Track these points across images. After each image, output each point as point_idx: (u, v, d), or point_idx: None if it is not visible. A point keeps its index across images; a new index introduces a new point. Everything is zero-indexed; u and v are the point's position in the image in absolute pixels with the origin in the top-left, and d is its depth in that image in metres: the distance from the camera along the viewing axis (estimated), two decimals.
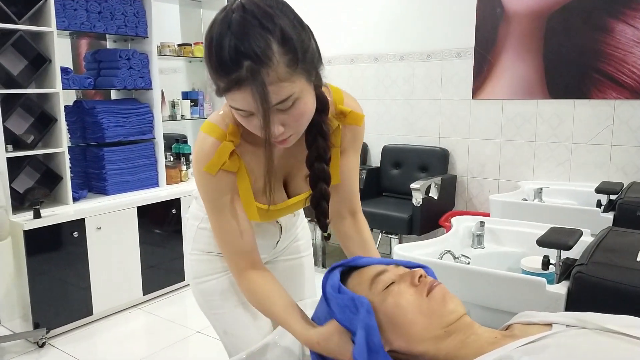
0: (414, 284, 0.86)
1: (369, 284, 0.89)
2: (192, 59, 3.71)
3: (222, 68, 0.82)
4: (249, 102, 0.83)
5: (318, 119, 0.98)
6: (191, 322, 2.82)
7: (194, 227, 1.28)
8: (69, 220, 2.66)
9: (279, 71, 0.81)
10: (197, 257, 1.27)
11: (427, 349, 0.82)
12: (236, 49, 0.79)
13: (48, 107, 2.73)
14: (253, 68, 0.79)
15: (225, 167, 1.00)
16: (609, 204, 2.33)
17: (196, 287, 1.28)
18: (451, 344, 0.81)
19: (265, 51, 0.79)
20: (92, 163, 3.07)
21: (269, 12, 0.81)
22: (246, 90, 0.81)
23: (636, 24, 2.74)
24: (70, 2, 2.75)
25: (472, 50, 3.29)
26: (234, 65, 0.80)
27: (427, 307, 0.83)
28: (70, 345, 2.62)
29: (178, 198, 3.19)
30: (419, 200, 3.06)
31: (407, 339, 0.83)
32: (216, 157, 0.98)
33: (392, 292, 0.86)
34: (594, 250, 1.43)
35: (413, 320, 0.83)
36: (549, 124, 3.10)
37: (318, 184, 1.05)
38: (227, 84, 0.82)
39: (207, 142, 1.00)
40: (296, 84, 0.85)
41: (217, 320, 1.28)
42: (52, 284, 2.62)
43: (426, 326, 0.82)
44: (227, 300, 1.25)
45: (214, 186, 1.02)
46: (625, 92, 2.82)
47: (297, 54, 0.83)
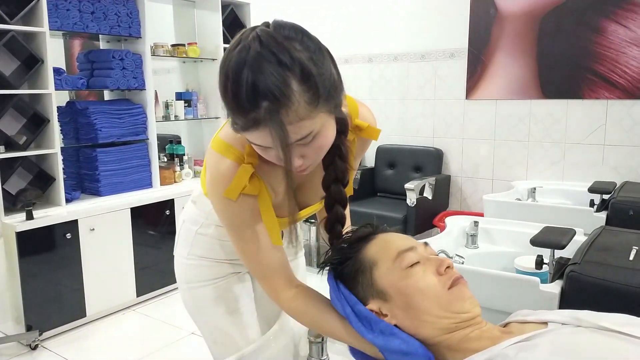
0: (439, 272, 0.86)
1: (395, 256, 0.88)
2: (185, 60, 3.70)
3: (239, 107, 0.77)
4: (267, 140, 0.79)
5: (337, 141, 0.93)
6: (185, 324, 2.81)
7: (191, 231, 1.22)
8: (61, 222, 2.64)
9: (299, 110, 0.77)
10: (194, 262, 1.22)
11: (432, 335, 0.83)
12: (254, 88, 0.75)
13: (40, 107, 2.71)
14: (271, 108, 0.75)
15: (246, 191, 0.93)
16: (602, 203, 2.34)
17: (188, 291, 1.24)
18: (456, 337, 0.82)
19: (284, 90, 0.75)
20: (85, 164, 3.05)
21: (285, 45, 0.76)
22: (264, 130, 0.77)
23: (628, 24, 2.75)
24: (63, 2, 2.74)
25: (466, 50, 3.30)
26: (251, 105, 0.76)
27: (445, 300, 0.83)
28: (63, 347, 2.60)
29: (172, 199, 3.18)
30: (413, 200, 3.06)
31: (415, 322, 0.84)
32: (236, 181, 0.92)
33: (416, 273, 0.86)
34: (587, 249, 1.43)
35: (428, 308, 0.83)
36: (542, 124, 3.11)
37: (334, 207, 1.01)
38: (245, 123, 0.78)
39: (223, 164, 0.93)
40: (317, 119, 0.80)
41: (206, 327, 1.25)
42: (45, 285, 2.61)
43: (439, 317, 0.83)
44: (219, 307, 1.21)
45: (235, 211, 0.96)
46: (617, 92, 2.83)
47: (318, 90, 0.78)
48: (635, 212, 2.07)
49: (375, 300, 0.88)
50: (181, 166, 3.53)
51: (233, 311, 1.21)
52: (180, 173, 3.49)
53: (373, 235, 0.96)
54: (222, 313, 1.21)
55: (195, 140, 3.95)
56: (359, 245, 0.94)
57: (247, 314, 1.23)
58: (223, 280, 1.21)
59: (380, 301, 0.88)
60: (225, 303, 1.21)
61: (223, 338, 1.23)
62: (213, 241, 1.18)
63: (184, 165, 3.55)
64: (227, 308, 1.21)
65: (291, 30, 0.79)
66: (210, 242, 1.20)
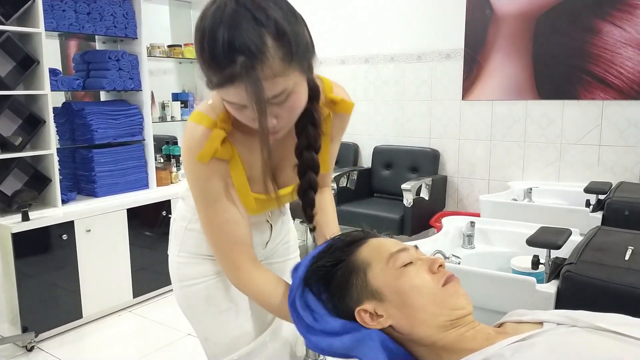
0: (432, 271, 0.87)
1: (388, 257, 0.89)
2: (182, 60, 3.69)
3: (215, 63, 0.80)
4: (242, 97, 0.81)
5: (309, 107, 0.96)
6: (182, 325, 2.80)
7: (181, 228, 1.24)
8: (57, 223, 2.63)
9: (273, 66, 0.79)
10: (184, 259, 1.22)
11: (427, 335, 0.83)
12: (230, 43, 0.77)
13: (36, 108, 2.70)
14: (247, 64, 0.77)
15: (218, 154, 0.95)
16: (598, 203, 2.35)
17: (181, 290, 1.24)
18: (451, 336, 0.83)
19: (260, 46, 0.78)
20: (81, 165, 3.04)
21: (261, 4, 0.79)
22: (240, 85, 0.80)
23: (623, 25, 2.77)
24: (59, 3, 2.73)
25: (462, 51, 3.31)
26: (227, 61, 0.78)
27: (440, 297, 0.84)
28: (59, 349, 2.59)
29: (168, 200, 3.17)
30: (410, 200, 3.06)
31: (411, 321, 0.84)
32: (208, 145, 0.94)
33: (410, 272, 0.87)
34: (583, 249, 1.44)
35: (424, 305, 0.83)
36: (538, 124, 3.12)
37: (307, 173, 1.03)
38: (220, 79, 0.81)
39: (197, 131, 0.96)
40: (290, 77, 0.83)
41: (199, 326, 1.25)
42: (41, 287, 2.60)
43: (434, 315, 0.83)
44: (212, 306, 1.21)
45: (207, 176, 0.98)
46: (613, 92, 2.84)
47: (291, 47, 0.81)
48: (631, 213, 2.08)
49: (370, 301, 0.88)
50: (177, 167, 3.53)
51: (225, 310, 1.21)
52: (177, 174, 3.49)
53: (364, 239, 0.97)
54: (215, 312, 1.21)
55: None
56: (351, 248, 0.94)
57: (241, 313, 1.23)
58: (214, 278, 1.21)
59: (375, 302, 0.88)
60: (217, 301, 1.21)
61: (216, 336, 1.22)
62: (201, 236, 1.18)
63: (180, 166, 3.55)
64: (220, 307, 1.21)
65: None
66: (198, 237, 1.20)
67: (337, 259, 0.94)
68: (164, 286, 3.20)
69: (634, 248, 1.42)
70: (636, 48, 2.74)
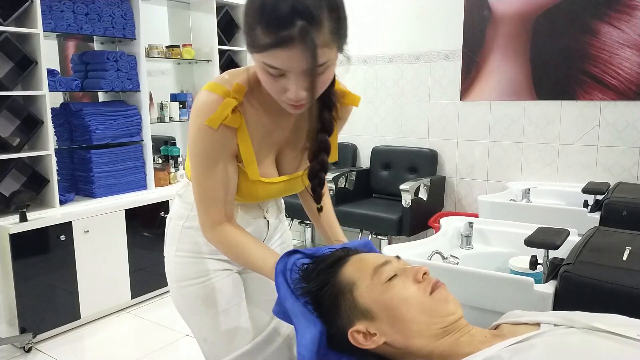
0: (417, 280, 0.86)
1: (372, 273, 0.88)
2: (180, 61, 3.69)
3: (273, 23, 0.81)
4: (291, 61, 0.84)
5: (327, 91, 0.99)
6: (180, 326, 2.80)
7: (178, 226, 1.23)
8: (56, 224, 2.63)
9: (325, 36, 0.83)
10: (181, 259, 1.22)
11: (423, 346, 0.83)
12: (293, 6, 0.80)
13: (34, 109, 2.70)
14: (306, 28, 0.80)
15: (227, 121, 0.99)
16: (596, 204, 2.35)
17: (178, 291, 1.24)
18: (446, 343, 0.82)
19: (319, 13, 0.81)
20: (79, 166, 3.04)
21: None
22: (294, 49, 0.82)
23: (621, 25, 2.77)
24: (57, 4, 2.73)
25: (460, 52, 3.31)
26: (287, 23, 0.80)
27: (429, 306, 0.83)
28: (57, 350, 2.59)
29: (166, 200, 3.17)
30: (408, 201, 3.07)
31: (405, 335, 0.84)
32: (219, 112, 0.98)
33: (396, 285, 0.86)
34: (581, 249, 1.44)
35: (414, 317, 0.83)
36: (536, 125, 3.13)
37: (319, 155, 1.06)
38: (275, 40, 0.82)
39: (209, 97, 0.99)
40: (333, 51, 0.87)
41: (197, 326, 1.25)
42: (39, 288, 2.59)
43: (426, 324, 0.82)
44: (210, 306, 1.21)
45: (212, 140, 1.01)
46: (610, 93, 2.85)
47: (340, 22, 0.86)
48: (629, 213, 2.08)
49: (361, 321, 0.87)
50: (176, 168, 3.53)
51: (223, 310, 1.21)
52: (175, 174, 3.49)
53: (346, 257, 0.95)
54: (213, 312, 1.21)
55: None
56: (334, 268, 0.93)
57: (238, 313, 1.23)
58: (211, 278, 1.21)
59: (366, 321, 0.87)
60: (214, 302, 1.21)
61: (213, 337, 1.22)
62: (198, 234, 1.18)
63: (178, 166, 3.54)
64: (217, 307, 1.21)
65: None
66: (195, 235, 1.20)
67: (322, 282, 0.92)
68: (162, 287, 3.19)
69: (632, 248, 1.42)
70: (634, 49, 2.75)
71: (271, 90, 0.93)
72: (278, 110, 1.01)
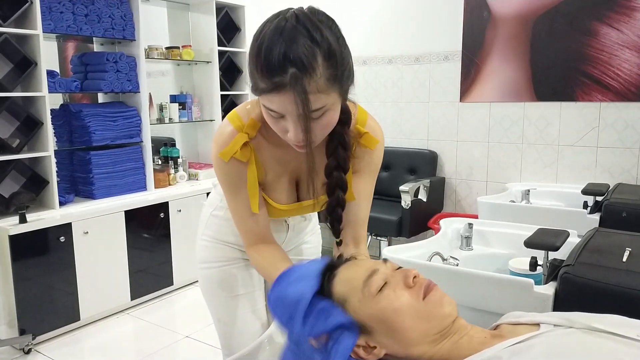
0: (408, 285, 0.85)
1: (362, 286, 0.87)
2: (180, 62, 3.69)
3: (267, 70, 0.86)
4: (285, 105, 0.88)
5: (340, 130, 1.04)
6: (180, 327, 2.80)
7: (207, 213, 1.34)
8: (55, 225, 2.63)
9: (319, 83, 0.86)
10: (205, 243, 1.33)
11: (423, 352, 0.82)
12: (285, 54, 0.84)
13: (34, 110, 2.70)
14: (297, 75, 0.84)
15: (236, 155, 1.06)
16: (595, 205, 2.35)
17: (200, 271, 1.34)
18: (446, 346, 0.82)
19: (311, 62, 0.84)
20: (78, 167, 3.04)
21: (319, 26, 0.87)
22: (286, 94, 0.86)
23: (620, 27, 2.77)
24: (57, 5, 2.73)
25: (460, 53, 3.31)
26: (279, 70, 0.84)
27: (424, 312, 0.82)
28: (56, 351, 2.58)
29: (166, 202, 3.17)
30: (408, 202, 3.07)
31: (404, 344, 0.83)
32: (230, 146, 1.06)
33: (387, 296, 0.84)
34: (580, 251, 1.44)
35: (411, 326, 0.82)
36: (535, 126, 3.13)
37: (335, 191, 1.09)
38: (269, 86, 0.87)
39: (226, 129, 1.07)
40: (330, 96, 0.90)
41: (213, 307, 1.34)
42: (39, 289, 2.59)
43: (424, 331, 0.82)
44: (223, 290, 1.30)
45: (225, 171, 1.10)
46: (610, 94, 2.85)
47: (337, 69, 0.88)
48: (629, 214, 2.08)
49: (360, 336, 0.86)
50: (175, 169, 3.53)
51: (237, 295, 1.30)
52: (175, 176, 3.49)
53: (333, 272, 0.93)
54: (227, 295, 1.30)
55: (190, 143, 3.94)
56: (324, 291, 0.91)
57: (251, 301, 1.32)
58: (229, 265, 1.30)
59: (364, 335, 0.86)
60: (230, 286, 1.30)
61: (227, 318, 1.31)
62: (223, 223, 1.29)
63: (178, 168, 3.54)
64: (232, 292, 1.30)
65: (324, 16, 0.91)
66: (220, 223, 1.30)
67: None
68: (162, 288, 3.19)
69: (632, 249, 1.42)
70: (633, 50, 2.75)
71: (275, 130, 0.97)
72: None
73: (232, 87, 3.82)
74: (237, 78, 3.85)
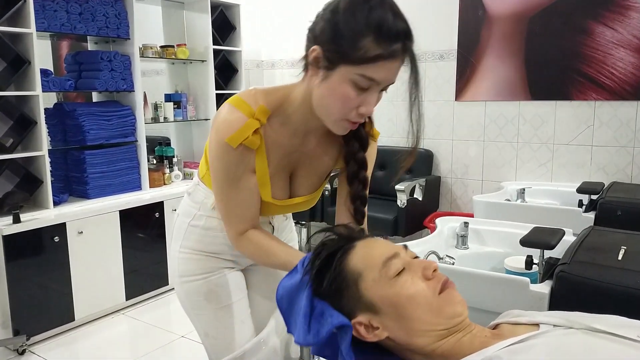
0: (426, 277, 0.84)
1: (380, 266, 0.85)
2: (174, 61, 3.68)
3: (388, 36, 0.88)
4: (389, 74, 0.94)
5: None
6: (175, 327, 2.79)
7: (184, 224, 1.25)
8: (49, 225, 2.61)
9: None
10: (185, 255, 1.24)
11: (425, 344, 0.82)
12: (398, 25, 0.89)
13: (27, 109, 2.68)
14: (409, 46, 0.92)
15: (246, 142, 1.01)
16: (590, 203, 2.36)
17: (181, 285, 1.26)
18: (449, 343, 0.81)
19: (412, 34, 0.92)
20: (73, 166, 3.02)
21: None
22: (395, 62, 0.92)
23: (615, 26, 2.78)
24: (50, 3, 2.71)
25: (455, 52, 3.32)
26: (398, 37, 0.89)
27: (436, 306, 0.81)
28: (51, 352, 2.57)
29: (161, 201, 3.15)
30: (403, 201, 3.07)
31: (409, 332, 0.82)
32: (240, 132, 1.00)
33: (404, 282, 0.83)
34: (576, 249, 1.44)
35: (420, 316, 0.81)
36: (531, 125, 3.13)
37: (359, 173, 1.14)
38: (385, 52, 0.88)
39: (234, 115, 1.01)
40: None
41: (198, 321, 1.27)
42: (33, 289, 2.57)
43: (432, 324, 0.81)
44: (211, 301, 1.23)
45: (231, 158, 1.03)
46: (605, 93, 2.86)
47: None
48: (624, 212, 2.09)
49: (365, 313, 0.85)
50: (170, 168, 3.51)
51: (225, 306, 1.24)
52: (170, 175, 3.47)
53: (353, 242, 0.93)
54: (214, 307, 1.23)
55: (185, 142, 3.93)
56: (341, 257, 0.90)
57: (240, 309, 1.26)
58: (214, 275, 1.24)
59: (369, 314, 0.85)
60: (217, 298, 1.24)
61: (215, 332, 1.25)
62: (204, 233, 1.22)
63: (173, 167, 3.53)
64: (219, 303, 1.24)
65: None
66: (201, 233, 1.23)
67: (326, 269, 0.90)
68: (158, 288, 3.18)
69: (627, 248, 1.43)
70: (628, 49, 2.76)
71: (338, 109, 0.96)
72: (302, 133, 1.07)
73: (227, 86, 3.81)
74: (233, 77, 3.84)
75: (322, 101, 0.97)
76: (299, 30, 0.93)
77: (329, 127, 1.02)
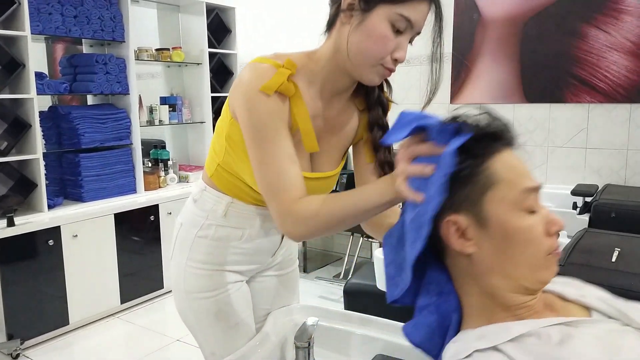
0: (548, 233, 0.75)
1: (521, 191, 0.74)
2: (170, 64, 3.67)
3: None
4: (421, 16, 1.01)
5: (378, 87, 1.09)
6: (170, 331, 2.78)
7: (190, 234, 1.16)
8: (44, 228, 2.60)
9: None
10: (195, 270, 1.15)
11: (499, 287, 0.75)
12: None
13: (22, 112, 2.67)
14: None
15: (281, 88, 0.94)
16: (585, 205, 2.37)
17: (188, 302, 1.17)
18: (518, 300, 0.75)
19: None
20: (67, 169, 3.01)
21: None
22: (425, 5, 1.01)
23: (608, 29, 2.80)
24: (45, 6, 2.70)
25: (450, 55, 3.33)
26: None
27: (538, 265, 0.74)
28: (45, 356, 2.56)
29: (156, 204, 3.15)
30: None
31: (496, 268, 0.75)
32: (275, 78, 0.93)
33: (530, 223, 0.74)
34: (570, 251, 1.45)
35: (520, 263, 0.73)
36: (525, 127, 3.15)
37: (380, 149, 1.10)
38: None
39: (263, 66, 0.95)
40: None
41: (206, 341, 1.20)
42: (27, 293, 2.56)
43: (522, 277, 0.74)
44: (221, 320, 1.16)
45: (267, 109, 0.93)
46: (599, 96, 2.87)
47: None
48: (618, 214, 2.10)
49: (469, 217, 0.74)
50: (166, 171, 3.51)
51: (234, 325, 1.18)
52: (165, 178, 3.46)
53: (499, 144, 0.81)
54: (224, 326, 1.17)
55: (180, 145, 3.92)
56: (484, 152, 0.77)
57: (247, 325, 1.21)
58: (224, 292, 1.16)
59: (473, 222, 0.74)
60: (226, 317, 1.17)
61: (223, 351, 1.18)
62: (213, 244, 1.13)
63: (168, 170, 3.52)
64: (228, 322, 1.17)
65: None
66: (210, 245, 1.14)
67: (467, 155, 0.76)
68: (152, 291, 3.17)
69: (621, 250, 1.44)
70: (621, 52, 2.78)
71: (377, 51, 0.96)
72: (328, 93, 1.04)
73: (222, 89, 3.81)
74: (228, 80, 3.84)
75: (359, 45, 0.95)
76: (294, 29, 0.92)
77: (363, 77, 0.99)
